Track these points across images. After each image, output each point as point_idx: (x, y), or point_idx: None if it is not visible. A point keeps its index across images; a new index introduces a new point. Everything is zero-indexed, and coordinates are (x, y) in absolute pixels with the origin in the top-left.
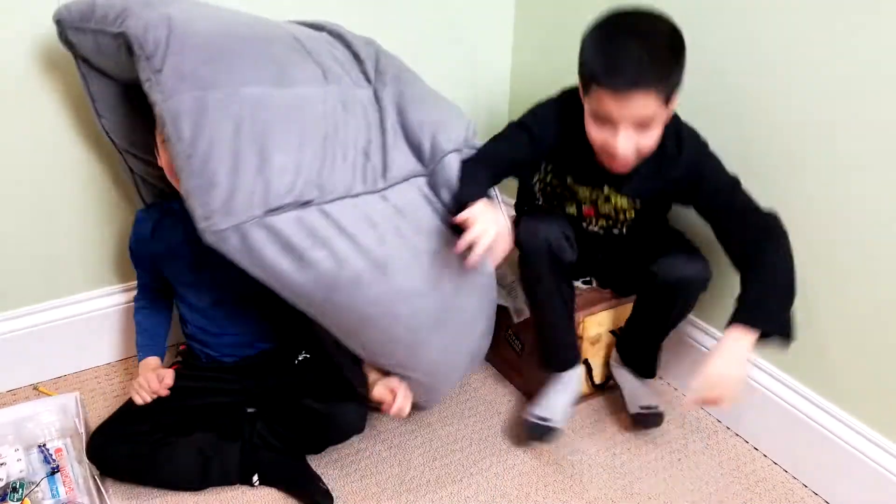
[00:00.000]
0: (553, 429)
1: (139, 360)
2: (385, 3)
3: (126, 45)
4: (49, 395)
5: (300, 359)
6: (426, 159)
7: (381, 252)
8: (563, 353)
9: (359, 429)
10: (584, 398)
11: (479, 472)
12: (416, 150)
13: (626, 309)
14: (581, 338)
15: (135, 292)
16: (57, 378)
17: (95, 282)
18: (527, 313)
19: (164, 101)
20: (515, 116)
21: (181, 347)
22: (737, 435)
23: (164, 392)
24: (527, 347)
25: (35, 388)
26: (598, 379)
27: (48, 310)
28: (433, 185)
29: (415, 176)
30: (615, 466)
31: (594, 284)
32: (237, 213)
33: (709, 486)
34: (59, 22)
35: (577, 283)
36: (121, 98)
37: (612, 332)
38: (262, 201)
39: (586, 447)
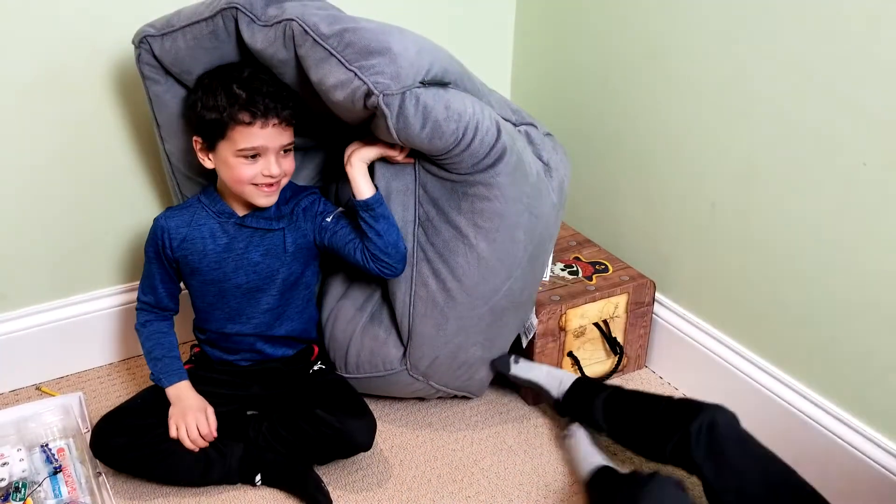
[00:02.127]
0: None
1: (164, 386)
2: (384, 11)
3: (232, 18)
4: (51, 396)
5: (315, 369)
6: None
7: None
8: None
9: (366, 446)
10: None
11: (479, 472)
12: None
13: (611, 303)
14: (564, 330)
15: (136, 293)
16: (59, 378)
17: (97, 282)
18: (533, 329)
19: (299, 16)
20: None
21: (195, 350)
22: None
23: (214, 435)
24: (537, 357)
25: (37, 388)
26: (588, 372)
27: (50, 310)
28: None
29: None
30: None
31: None
32: (405, 79)
33: None
34: (145, 38)
35: (562, 273)
36: (183, 126)
37: (595, 324)
38: (426, 72)
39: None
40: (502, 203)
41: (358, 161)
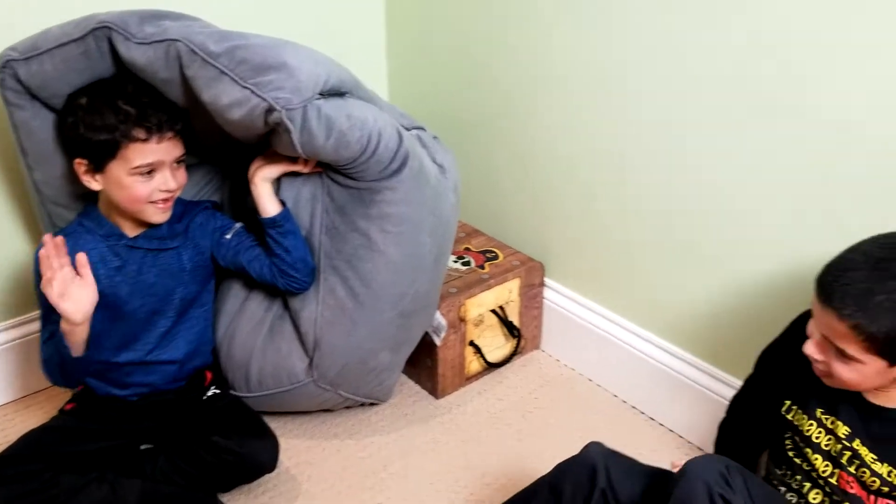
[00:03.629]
0: None
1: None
2: (251, 21)
3: (105, 38)
4: None
5: (209, 394)
6: None
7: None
8: None
9: (270, 467)
10: (477, 376)
11: (389, 477)
12: None
13: (505, 288)
14: (464, 320)
15: (26, 327)
16: None
17: None
18: (443, 329)
19: (184, 36)
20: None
21: (78, 388)
22: (634, 408)
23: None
24: (440, 351)
25: None
26: (490, 358)
27: None
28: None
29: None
30: (521, 452)
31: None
32: (305, 92)
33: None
34: (8, 63)
35: (456, 265)
36: (54, 152)
37: (493, 311)
38: (324, 83)
39: (493, 437)
40: (409, 207)
41: (262, 181)
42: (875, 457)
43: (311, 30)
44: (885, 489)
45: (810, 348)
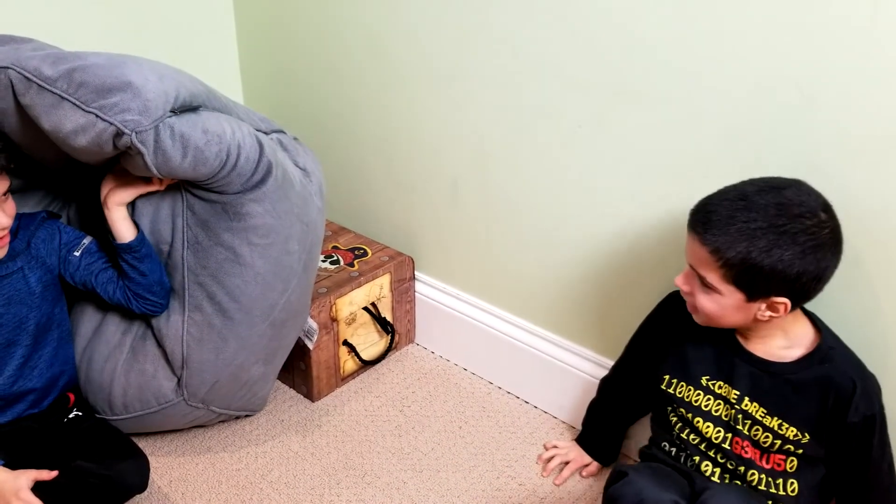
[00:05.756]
0: None
1: None
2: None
3: None
4: None
5: (70, 417)
6: None
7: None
8: None
9: (140, 488)
10: (353, 375)
11: (269, 485)
12: None
13: (376, 285)
14: (336, 320)
15: None
16: None
17: None
18: (315, 333)
19: (15, 62)
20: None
21: None
22: (509, 393)
23: None
24: (313, 353)
25: None
26: (365, 356)
27: None
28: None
29: None
30: (401, 447)
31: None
32: (155, 111)
33: (489, 445)
34: None
35: (324, 265)
36: None
37: (365, 308)
38: (174, 98)
39: (372, 435)
40: (275, 217)
41: (115, 205)
42: (765, 411)
43: (158, 38)
44: (777, 443)
45: (679, 279)
